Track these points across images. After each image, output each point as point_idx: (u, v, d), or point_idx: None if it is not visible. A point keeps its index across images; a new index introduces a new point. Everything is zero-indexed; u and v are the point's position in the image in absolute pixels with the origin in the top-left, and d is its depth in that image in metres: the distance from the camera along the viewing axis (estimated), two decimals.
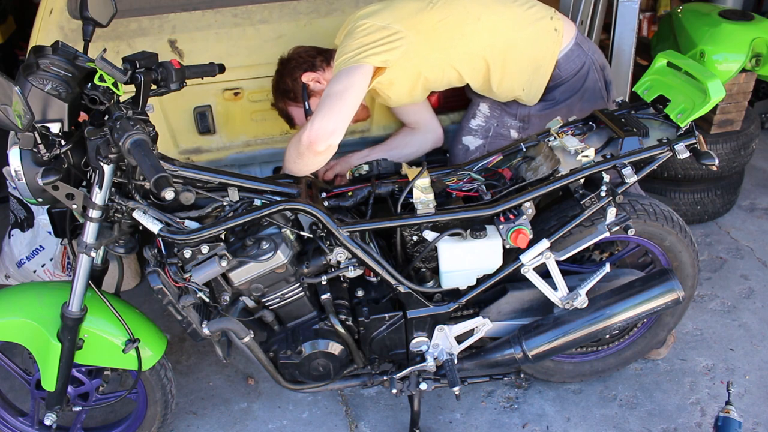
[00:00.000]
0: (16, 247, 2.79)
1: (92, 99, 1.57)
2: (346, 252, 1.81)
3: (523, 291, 2.01)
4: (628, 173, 1.81)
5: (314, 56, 2.20)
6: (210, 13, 2.38)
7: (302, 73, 2.17)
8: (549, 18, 2.17)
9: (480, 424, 2.26)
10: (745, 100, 2.98)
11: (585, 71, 2.22)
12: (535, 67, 2.17)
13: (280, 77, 2.22)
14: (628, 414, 2.27)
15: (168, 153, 2.04)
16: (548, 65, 2.18)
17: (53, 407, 1.90)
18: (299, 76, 2.17)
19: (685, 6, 3.20)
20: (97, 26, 1.74)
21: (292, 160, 1.94)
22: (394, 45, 1.98)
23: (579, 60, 2.20)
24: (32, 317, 1.81)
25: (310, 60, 2.19)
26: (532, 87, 2.21)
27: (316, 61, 2.19)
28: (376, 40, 1.97)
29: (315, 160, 1.90)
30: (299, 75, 2.17)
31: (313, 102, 2.16)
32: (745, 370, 2.41)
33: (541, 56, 2.16)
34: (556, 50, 2.17)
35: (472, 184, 1.96)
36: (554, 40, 2.16)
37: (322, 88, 2.15)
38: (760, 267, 2.92)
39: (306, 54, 2.21)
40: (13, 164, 1.58)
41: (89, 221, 1.65)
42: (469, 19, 2.08)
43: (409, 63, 2.06)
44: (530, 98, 2.25)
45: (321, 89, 2.15)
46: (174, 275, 1.73)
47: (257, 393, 2.44)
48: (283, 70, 2.22)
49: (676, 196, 3.10)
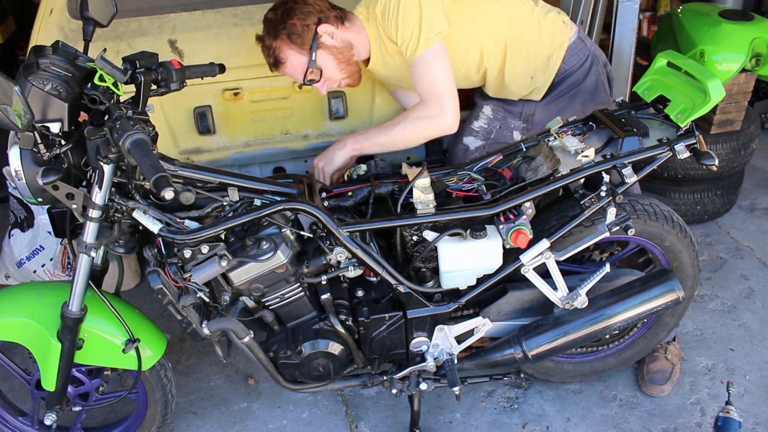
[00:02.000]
0: (16, 247, 2.79)
1: (92, 99, 1.57)
2: (346, 252, 1.81)
3: (523, 291, 2.01)
4: (628, 173, 1.81)
5: (329, 9, 2.08)
6: (210, 13, 2.38)
7: (318, 23, 2.04)
8: (556, 12, 2.25)
9: (480, 424, 2.26)
10: (745, 100, 2.98)
11: (588, 65, 2.25)
12: (546, 56, 2.21)
13: (288, 15, 2.03)
14: (628, 414, 2.27)
15: (168, 153, 2.04)
16: (558, 56, 2.22)
17: (53, 407, 1.90)
18: (313, 23, 2.03)
19: (685, 6, 3.20)
20: (97, 26, 1.74)
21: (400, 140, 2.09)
22: (441, 11, 2.00)
23: (582, 53, 2.24)
24: (32, 317, 1.81)
25: (327, 11, 2.06)
26: (542, 77, 2.24)
27: (332, 14, 2.07)
28: (428, 11, 1.95)
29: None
30: (313, 22, 2.03)
31: (320, 55, 2.06)
32: (745, 370, 2.41)
33: (552, 46, 2.20)
34: (566, 41, 2.22)
35: (472, 184, 1.96)
36: (563, 31, 2.22)
37: (332, 44, 2.06)
38: (760, 267, 2.92)
39: (322, 3, 2.07)
40: (13, 164, 1.58)
41: (89, 221, 1.65)
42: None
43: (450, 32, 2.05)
44: (539, 88, 2.26)
45: (331, 45, 2.06)
46: (174, 275, 1.73)
47: (257, 393, 2.44)
48: (293, 9, 2.03)
49: (676, 196, 3.11)
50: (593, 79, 2.26)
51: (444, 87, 2.01)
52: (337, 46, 2.08)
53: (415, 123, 2.05)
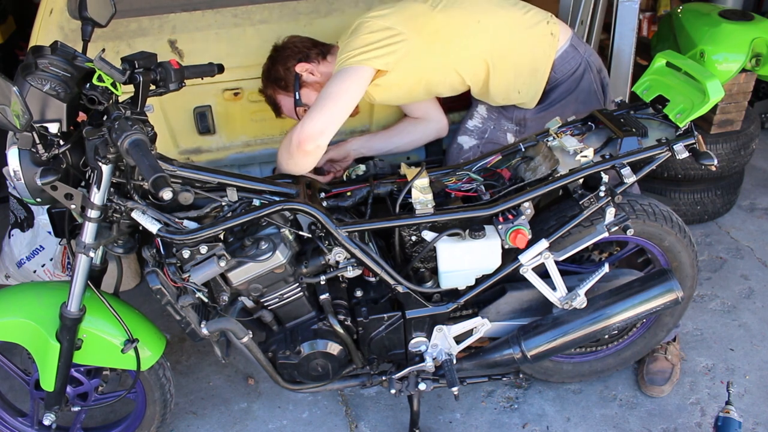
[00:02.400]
0: (16, 247, 2.79)
1: (91, 99, 1.57)
2: (344, 252, 1.81)
3: (522, 291, 2.01)
4: (627, 173, 1.81)
5: (310, 47, 2.18)
6: (210, 13, 2.38)
7: (296, 63, 2.15)
8: (545, 22, 2.18)
9: (480, 424, 2.26)
10: (745, 100, 2.97)
11: (580, 73, 2.21)
12: (532, 70, 2.18)
13: (273, 64, 2.19)
14: (628, 414, 2.27)
15: (168, 153, 2.04)
16: (545, 69, 2.18)
17: (52, 407, 1.90)
18: (293, 65, 2.15)
19: (685, 6, 3.19)
20: (96, 26, 1.74)
21: (284, 160, 1.99)
22: (396, 47, 1.99)
23: (574, 61, 2.20)
24: (31, 317, 1.81)
25: (306, 50, 2.17)
26: (530, 90, 2.21)
27: (312, 52, 2.17)
28: (379, 40, 1.98)
29: (305, 160, 1.95)
30: (293, 64, 2.15)
31: (304, 93, 2.15)
32: (745, 370, 2.41)
33: (538, 60, 2.17)
34: (552, 54, 2.17)
35: (470, 184, 1.96)
36: (550, 44, 2.17)
37: (314, 79, 2.15)
38: (760, 267, 2.92)
39: (301, 44, 2.18)
40: (12, 164, 1.58)
41: (88, 221, 1.65)
42: (470, 21, 2.09)
43: (411, 65, 2.06)
44: (527, 102, 2.25)
45: (313, 81, 2.15)
46: (173, 275, 1.73)
47: (257, 393, 2.44)
48: (276, 57, 2.19)
49: (676, 196, 3.10)
50: (586, 87, 2.23)
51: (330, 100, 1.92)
52: (319, 80, 2.15)
53: None
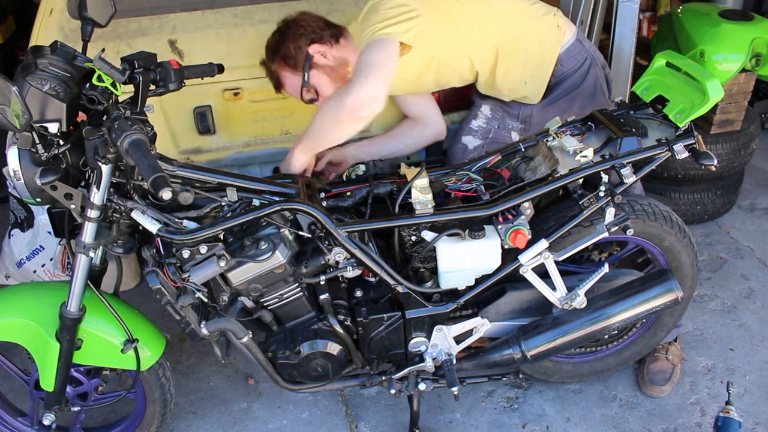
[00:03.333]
0: (16, 247, 2.79)
1: (90, 99, 1.57)
2: (344, 252, 1.81)
3: (522, 291, 2.01)
4: (627, 173, 1.81)
5: (323, 28, 2.13)
6: (210, 13, 2.38)
7: (309, 44, 2.10)
8: (552, 14, 2.21)
9: (480, 424, 2.26)
10: (745, 100, 2.97)
11: (586, 67, 2.24)
12: (539, 62, 2.19)
13: (282, 40, 2.12)
14: (628, 414, 2.27)
15: (168, 153, 2.04)
16: (551, 61, 2.20)
17: (52, 407, 1.90)
18: (305, 44, 2.10)
19: (685, 6, 3.19)
20: (96, 26, 1.74)
21: (326, 128, 1.93)
22: (414, 23, 2.00)
23: (580, 55, 2.23)
24: (31, 317, 1.81)
25: (320, 31, 2.12)
26: (536, 82, 2.22)
27: (325, 34, 2.12)
28: (399, 14, 1.98)
29: (353, 126, 1.91)
30: (305, 44, 2.10)
31: (313, 74, 2.12)
32: (745, 370, 2.41)
33: (545, 51, 2.19)
34: (558, 46, 2.19)
35: (470, 184, 1.96)
36: (557, 36, 2.19)
37: (326, 63, 2.12)
38: (760, 267, 2.92)
39: (315, 23, 2.13)
40: (12, 164, 1.58)
41: (88, 221, 1.65)
42: (481, 4, 2.12)
43: (425, 44, 2.05)
44: (533, 94, 2.25)
45: (324, 64, 2.12)
46: (172, 275, 1.73)
47: (257, 393, 2.44)
48: (287, 33, 2.12)
49: (676, 196, 3.10)
50: (591, 81, 2.25)
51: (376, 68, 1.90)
52: (331, 64, 2.12)
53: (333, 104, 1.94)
